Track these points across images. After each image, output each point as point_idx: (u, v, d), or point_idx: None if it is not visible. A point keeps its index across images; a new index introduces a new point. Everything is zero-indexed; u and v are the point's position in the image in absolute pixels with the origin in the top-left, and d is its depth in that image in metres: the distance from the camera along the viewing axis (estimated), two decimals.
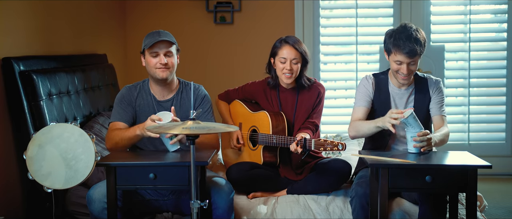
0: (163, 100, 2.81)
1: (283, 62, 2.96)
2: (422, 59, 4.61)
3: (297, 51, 2.95)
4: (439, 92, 2.79)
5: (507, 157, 4.78)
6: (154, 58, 2.72)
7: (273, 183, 3.02)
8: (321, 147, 2.69)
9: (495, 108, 4.82)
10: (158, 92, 2.82)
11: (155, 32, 2.76)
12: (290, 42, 2.96)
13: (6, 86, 2.96)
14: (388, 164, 2.35)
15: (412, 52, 2.60)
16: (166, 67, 2.72)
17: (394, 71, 2.71)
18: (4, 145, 2.96)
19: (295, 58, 2.95)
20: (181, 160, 2.43)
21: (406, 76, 2.68)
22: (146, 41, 2.74)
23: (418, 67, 2.72)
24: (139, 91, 2.83)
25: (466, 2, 4.71)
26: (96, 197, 2.50)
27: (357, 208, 2.60)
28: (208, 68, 4.89)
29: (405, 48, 2.60)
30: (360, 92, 2.83)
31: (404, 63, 2.64)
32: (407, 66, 2.65)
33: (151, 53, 2.72)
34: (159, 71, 2.72)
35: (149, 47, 2.71)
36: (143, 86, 2.85)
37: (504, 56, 4.74)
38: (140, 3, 4.90)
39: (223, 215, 2.58)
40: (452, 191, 2.50)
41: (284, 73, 2.97)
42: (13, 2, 3.10)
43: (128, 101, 2.79)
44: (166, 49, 2.73)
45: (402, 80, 2.71)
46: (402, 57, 2.63)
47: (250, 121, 3.15)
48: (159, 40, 2.70)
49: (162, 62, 2.71)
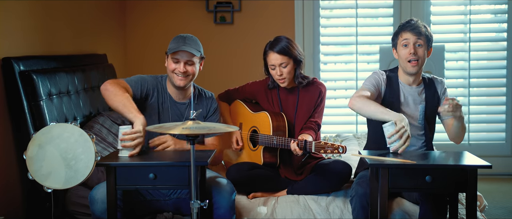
0: (179, 101, 2.84)
1: (273, 68, 2.97)
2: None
3: (283, 56, 2.91)
4: (446, 92, 2.83)
5: (507, 157, 4.78)
6: (175, 64, 2.72)
7: (273, 183, 3.02)
8: (322, 149, 2.68)
9: (495, 108, 4.83)
10: (174, 93, 2.84)
11: (181, 38, 2.73)
12: (274, 49, 2.93)
13: (6, 86, 2.96)
14: (388, 164, 2.35)
15: (418, 29, 2.69)
16: (184, 75, 2.72)
17: (402, 58, 2.72)
18: (4, 145, 2.96)
19: (283, 62, 2.92)
20: (181, 160, 2.43)
21: (414, 58, 2.69)
22: (171, 45, 2.73)
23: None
24: (157, 85, 2.84)
25: (466, 2, 4.71)
26: (99, 198, 2.49)
27: (357, 208, 2.60)
28: (208, 68, 4.86)
29: (411, 26, 2.71)
30: (372, 78, 2.80)
31: (410, 42, 2.69)
32: (414, 47, 2.69)
33: (173, 58, 2.72)
34: (176, 78, 2.73)
35: (172, 53, 2.71)
36: (161, 81, 2.86)
37: (504, 56, 4.74)
38: (140, 3, 4.90)
39: (225, 215, 2.57)
40: (452, 191, 2.50)
41: (277, 79, 2.98)
42: (13, 2, 3.10)
43: (145, 85, 2.79)
44: (188, 58, 2.71)
45: (411, 67, 2.71)
46: (407, 34, 2.70)
47: (250, 121, 3.15)
48: (182, 49, 2.68)
49: (181, 70, 2.70)
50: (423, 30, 2.71)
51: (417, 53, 2.70)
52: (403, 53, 2.72)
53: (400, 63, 2.77)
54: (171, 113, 2.82)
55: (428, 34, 2.73)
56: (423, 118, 2.77)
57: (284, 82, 2.98)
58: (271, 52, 2.94)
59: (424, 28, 2.72)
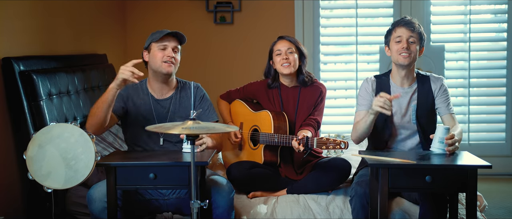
0: (161, 98, 2.81)
1: (278, 54, 3.03)
2: (422, 59, 4.63)
3: (290, 42, 3.06)
4: (443, 90, 2.79)
5: (507, 157, 4.78)
6: (162, 51, 2.73)
7: (273, 183, 3.02)
8: (323, 145, 2.69)
9: (495, 108, 4.82)
10: (157, 90, 2.81)
11: (161, 30, 2.78)
12: (283, 37, 3.10)
13: (6, 86, 2.96)
14: (388, 164, 2.35)
15: (410, 24, 2.71)
16: (172, 61, 2.73)
17: (395, 53, 2.72)
18: (4, 145, 2.96)
19: (290, 47, 3.04)
20: (181, 160, 2.43)
21: (406, 52, 2.68)
22: (155, 35, 2.76)
23: (417, 67, 2.72)
24: (137, 89, 2.82)
25: (466, 2, 4.71)
26: (96, 197, 2.49)
27: (357, 208, 2.60)
28: (208, 68, 4.89)
29: (404, 21, 2.72)
30: (361, 96, 2.84)
31: (403, 38, 2.69)
32: (407, 42, 2.69)
33: (159, 46, 2.73)
34: (165, 65, 2.72)
35: (158, 40, 2.73)
36: (141, 85, 2.84)
37: (504, 56, 4.74)
38: (140, 3, 4.90)
39: (223, 215, 2.58)
40: (452, 191, 2.50)
41: (282, 65, 3.01)
42: (13, 2, 3.10)
43: (126, 95, 2.79)
44: (175, 44, 2.76)
45: (403, 59, 2.70)
46: (401, 30, 2.71)
47: (251, 120, 3.15)
48: (170, 32, 2.73)
49: (170, 54, 2.72)
50: (417, 27, 2.72)
51: (409, 48, 2.69)
52: (396, 48, 2.71)
53: (392, 58, 2.76)
54: (156, 113, 2.79)
55: (421, 32, 2.74)
56: (415, 117, 2.76)
57: (288, 67, 3.01)
58: (279, 40, 3.09)
59: (418, 25, 2.73)
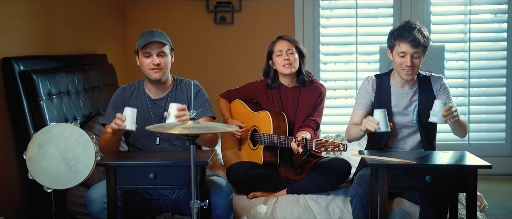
0: (157, 98, 2.81)
1: (279, 54, 3.03)
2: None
3: (290, 43, 3.06)
4: (444, 89, 2.78)
5: (507, 157, 4.78)
6: (147, 59, 2.71)
7: (273, 183, 3.02)
8: (322, 147, 2.68)
9: (495, 108, 4.82)
10: (153, 91, 2.82)
11: (148, 32, 2.74)
12: (282, 37, 3.10)
13: (6, 86, 2.96)
14: (388, 164, 2.35)
15: (416, 41, 2.61)
16: (158, 67, 2.70)
17: (398, 66, 2.69)
18: (4, 145, 2.96)
19: (290, 48, 3.04)
20: (181, 160, 2.43)
21: (410, 69, 2.66)
22: (139, 41, 2.73)
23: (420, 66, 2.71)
24: (133, 92, 2.82)
25: (466, 2, 4.71)
26: (96, 197, 2.49)
27: (357, 208, 2.60)
28: (208, 68, 4.89)
29: (409, 37, 2.62)
30: (360, 94, 2.83)
31: (408, 54, 2.64)
32: (411, 58, 2.64)
33: (144, 53, 2.71)
34: (152, 72, 2.71)
35: (142, 48, 2.70)
36: (139, 86, 2.84)
37: (504, 56, 4.73)
38: (140, 3, 4.90)
39: (222, 215, 2.58)
40: (452, 191, 2.50)
41: (283, 65, 3.01)
42: (13, 2, 3.10)
43: (121, 103, 2.78)
44: (159, 49, 2.71)
45: (406, 75, 2.68)
46: (405, 46, 2.63)
47: (251, 121, 3.15)
48: (151, 41, 2.68)
49: (154, 62, 2.69)
50: (421, 40, 2.63)
51: (413, 64, 2.66)
52: (399, 62, 2.67)
53: (395, 67, 2.75)
54: (153, 113, 2.79)
55: (425, 41, 2.65)
56: (417, 118, 2.76)
57: (289, 67, 3.01)
58: (279, 40, 3.09)
59: (422, 37, 2.63)
